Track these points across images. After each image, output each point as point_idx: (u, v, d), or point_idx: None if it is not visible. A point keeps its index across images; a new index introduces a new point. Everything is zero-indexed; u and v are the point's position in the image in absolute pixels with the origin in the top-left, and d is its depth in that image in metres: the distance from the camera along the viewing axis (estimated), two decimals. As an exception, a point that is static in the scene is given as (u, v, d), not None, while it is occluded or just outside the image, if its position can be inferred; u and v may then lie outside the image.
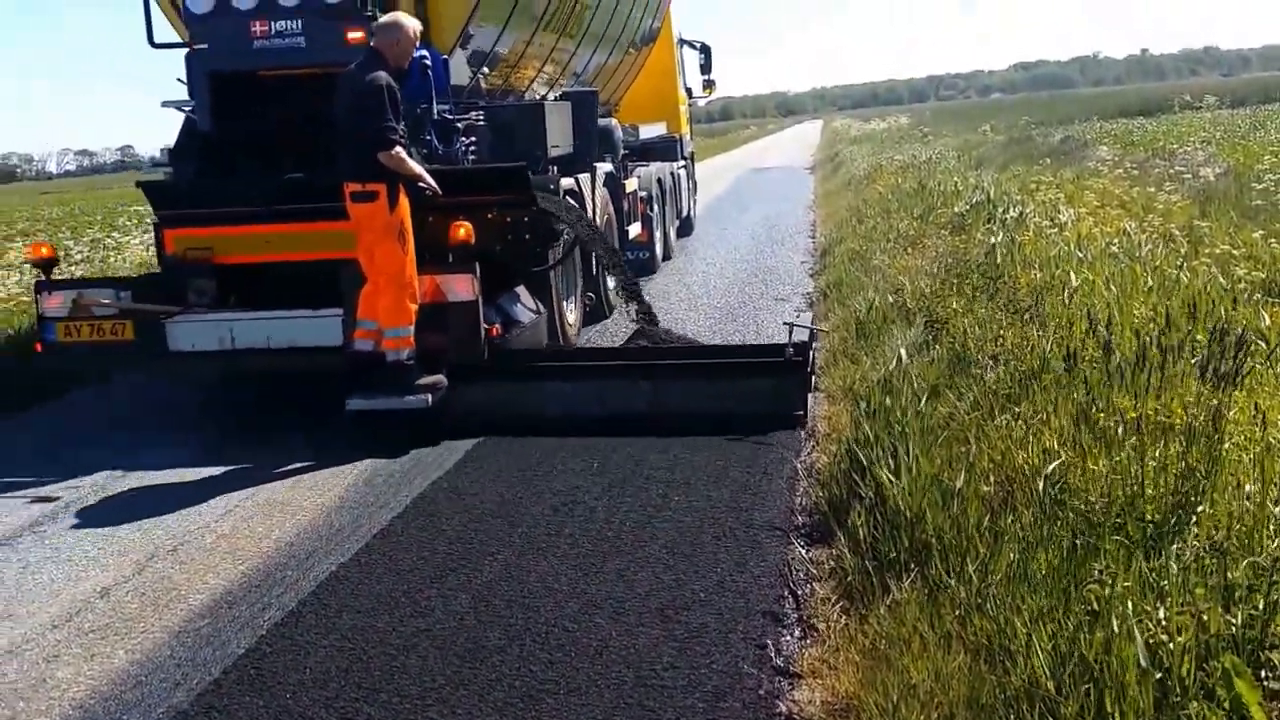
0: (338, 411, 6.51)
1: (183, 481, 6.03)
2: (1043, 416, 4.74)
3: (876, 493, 4.49)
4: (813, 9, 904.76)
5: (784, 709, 3.35)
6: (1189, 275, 6.99)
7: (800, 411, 6.42)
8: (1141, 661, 2.83)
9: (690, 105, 17.30)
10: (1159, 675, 2.81)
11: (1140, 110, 44.20)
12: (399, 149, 6.22)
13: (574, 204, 8.34)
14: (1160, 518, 3.67)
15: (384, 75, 6.21)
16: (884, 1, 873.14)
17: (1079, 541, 3.62)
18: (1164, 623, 2.97)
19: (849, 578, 4.06)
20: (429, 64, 7.07)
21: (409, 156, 6.37)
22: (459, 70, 7.59)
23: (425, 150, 7.08)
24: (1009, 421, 4.84)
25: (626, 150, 11.70)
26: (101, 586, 4.61)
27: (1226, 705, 2.71)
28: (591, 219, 8.87)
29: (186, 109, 7.53)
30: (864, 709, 3.21)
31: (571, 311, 8.66)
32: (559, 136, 8.47)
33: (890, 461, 4.65)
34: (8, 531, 5.39)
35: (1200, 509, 3.66)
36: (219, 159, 7.43)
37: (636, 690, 3.45)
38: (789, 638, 3.79)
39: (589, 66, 11.30)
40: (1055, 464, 4.16)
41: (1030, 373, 5.35)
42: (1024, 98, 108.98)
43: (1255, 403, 4.22)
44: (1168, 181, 13.74)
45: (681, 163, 15.55)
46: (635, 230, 11.50)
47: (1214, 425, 4.02)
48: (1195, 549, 3.36)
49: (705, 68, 17.57)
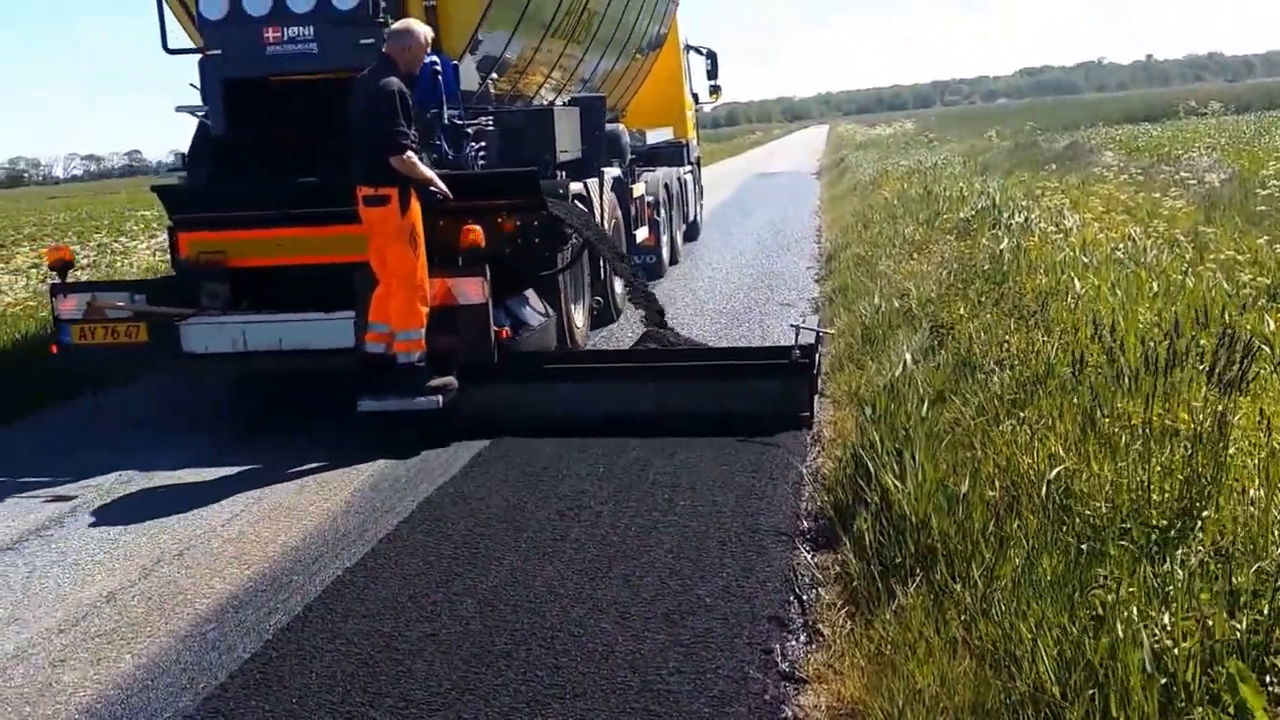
0: (348, 413, 6.55)
1: (190, 485, 6.05)
2: (1048, 422, 4.75)
3: (882, 498, 4.50)
4: (819, 15, 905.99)
5: (789, 714, 3.35)
6: (1194, 281, 6.99)
7: (806, 413, 6.45)
8: (1146, 666, 2.83)
9: (696, 110, 17.33)
10: (1164, 680, 2.82)
11: (1145, 116, 44.29)
12: (410, 154, 6.29)
13: (582, 208, 8.37)
14: (1165, 523, 3.68)
15: (396, 81, 6.28)
16: (889, 7, 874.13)
17: (1084, 547, 3.62)
18: (1169, 628, 2.98)
19: (854, 583, 4.07)
20: (439, 70, 7.11)
21: (420, 161, 6.43)
22: (468, 76, 7.63)
23: (435, 155, 7.12)
24: (1014, 427, 4.84)
25: (634, 155, 11.71)
26: (108, 591, 4.62)
27: (1231, 710, 2.71)
28: (599, 223, 8.91)
29: (200, 114, 7.58)
30: (869, 714, 3.21)
31: (579, 315, 8.70)
32: (567, 141, 8.51)
33: (896, 466, 4.66)
34: (14, 535, 5.41)
35: (1205, 514, 3.66)
36: (232, 163, 7.49)
37: (642, 695, 3.45)
38: (794, 643, 3.79)
39: (596, 72, 11.33)
40: (1060, 469, 4.16)
41: (1035, 378, 5.36)
42: (1029, 103, 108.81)
43: (1260, 408, 4.22)
44: (1173, 187, 13.74)
45: (688, 168, 15.58)
46: (642, 234, 11.52)
47: (1219, 431, 4.02)
48: (1200, 554, 3.36)
49: (711, 73, 17.61)
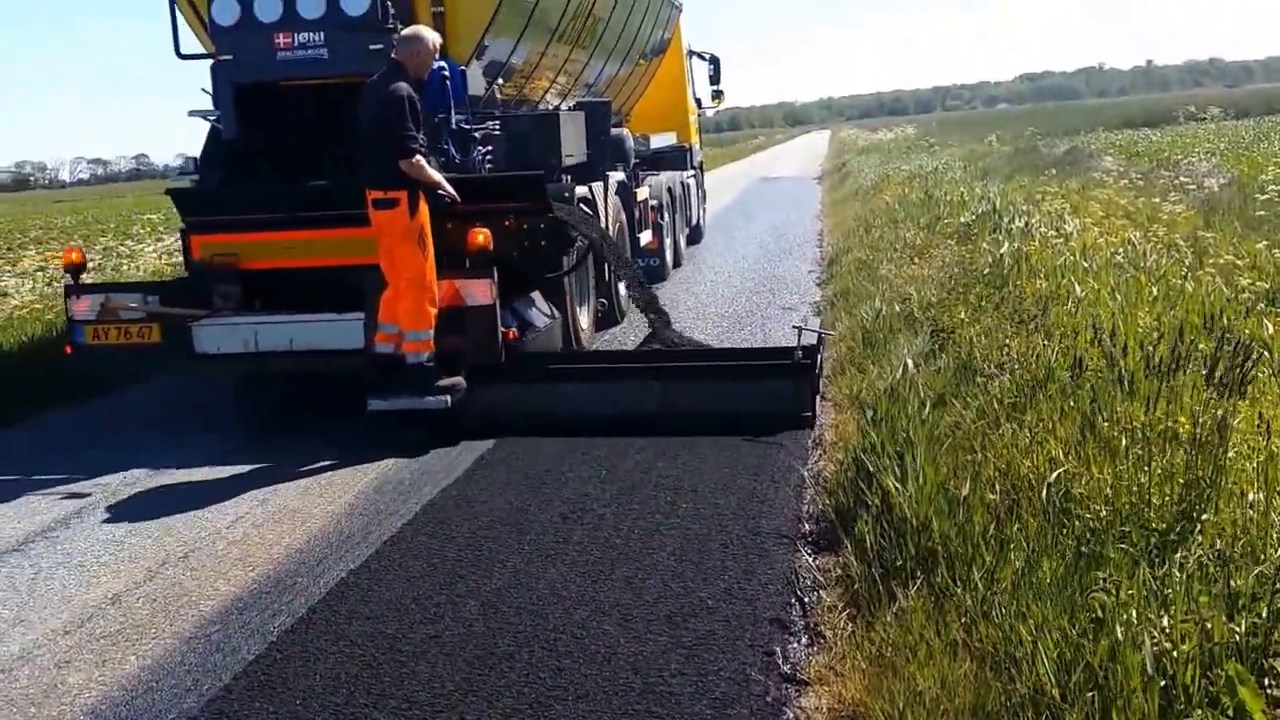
0: (354, 415, 6.60)
1: (195, 487, 6.07)
2: (1048, 425, 4.77)
3: (883, 501, 4.51)
4: (821, 21, 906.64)
5: (791, 716, 3.37)
6: (1194, 285, 7.01)
7: (809, 412, 6.51)
8: (1146, 669, 2.84)
9: (699, 115, 17.42)
10: (1163, 683, 2.83)
11: (1145, 121, 44.33)
12: (419, 157, 6.38)
13: (587, 212, 8.45)
14: (1165, 526, 3.69)
15: (405, 86, 6.36)
16: (891, 13, 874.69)
17: (1084, 550, 3.64)
18: (1168, 630, 2.99)
19: (856, 585, 4.08)
20: (447, 75, 7.19)
21: (429, 165, 6.52)
22: (475, 81, 7.71)
23: (443, 159, 7.21)
24: (1014, 430, 4.86)
25: (638, 159, 11.82)
26: (113, 593, 4.64)
27: (1230, 713, 2.72)
28: (604, 227, 8.99)
29: (212, 118, 7.67)
30: (871, 716, 3.23)
31: (585, 316, 8.80)
32: (573, 146, 8.59)
33: (897, 470, 4.68)
34: (20, 537, 5.43)
35: (1204, 518, 3.67)
36: (243, 167, 7.58)
37: (644, 697, 3.47)
38: (796, 645, 3.81)
39: (601, 77, 11.39)
40: (1060, 472, 4.18)
41: (1036, 382, 5.37)
42: (1029, 108, 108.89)
43: (1260, 412, 4.24)
44: (1172, 192, 13.75)
45: (691, 172, 15.65)
46: (646, 238, 11.61)
47: (1219, 434, 4.04)
48: (1199, 557, 3.37)
49: (714, 78, 17.67)
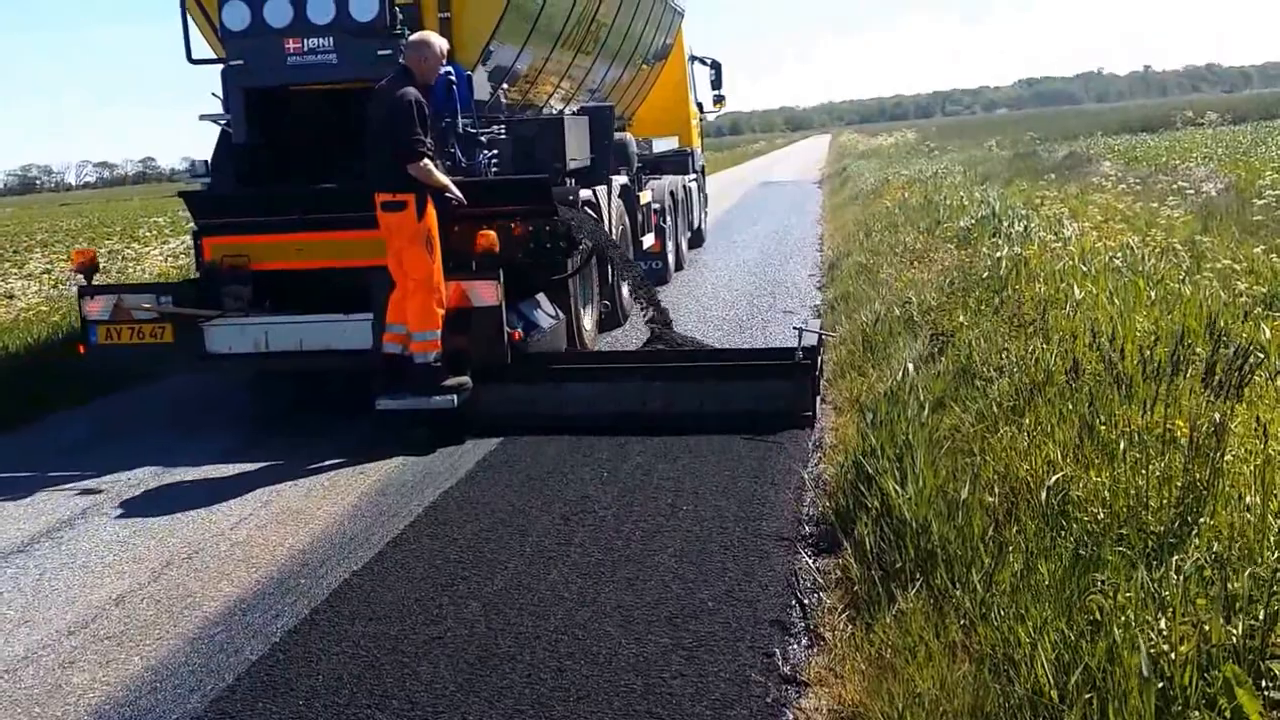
0: (359, 415, 6.66)
1: (198, 489, 6.10)
2: (1046, 428, 4.78)
3: (882, 503, 4.54)
4: (821, 26, 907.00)
5: (791, 717, 3.39)
6: (1191, 289, 7.03)
7: (809, 412, 6.57)
8: (1144, 671, 2.85)
9: (701, 120, 17.47)
10: (1161, 684, 2.84)
11: (1143, 126, 44.34)
12: (427, 161, 6.45)
13: (591, 215, 8.53)
14: (1162, 529, 3.70)
15: (413, 91, 6.44)
16: (891, 19, 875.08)
17: (1082, 552, 3.65)
18: (1166, 633, 3.00)
19: (855, 587, 4.10)
20: (454, 80, 7.26)
21: (436, 168, 6.59)
22: (481, 86, 7.79)
23: (450, 162, 7.27)
24: (1013, 433, 4.88)
25: (641, 163, 11.88)
26: (117, 593, 4.66)
27: (1227, 714, 2.73)
28: (608, 230, 9.06)
29: (222, 122, 7.74)
30: (870, 717, 3.25)
31: (588, 318, 8.88)
32: (577, 150, 8.66)
33: (896, 472, 4.70)
34: (25, 537, 5.45)
35: (1202, 520, 3.69)
36: (254, 170, 7.64)
37: (645, 698, 3.49)
38: (796, 646, 3.83)
39: (604, 82, 11.45)
40: (1058, 475, 4.20)
41: (1034, 385, 5.39)
42: (1029, 113, 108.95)
43: (1257, 415, 4.26)
44: (1170, 197, 13.76)
45: (693, 176, 15.71)
46: (649, 241, 11.71)
47: (1216, 438, 4.06)
48: (1197, 560, 3.38)
49: (716, 83, 17.72)
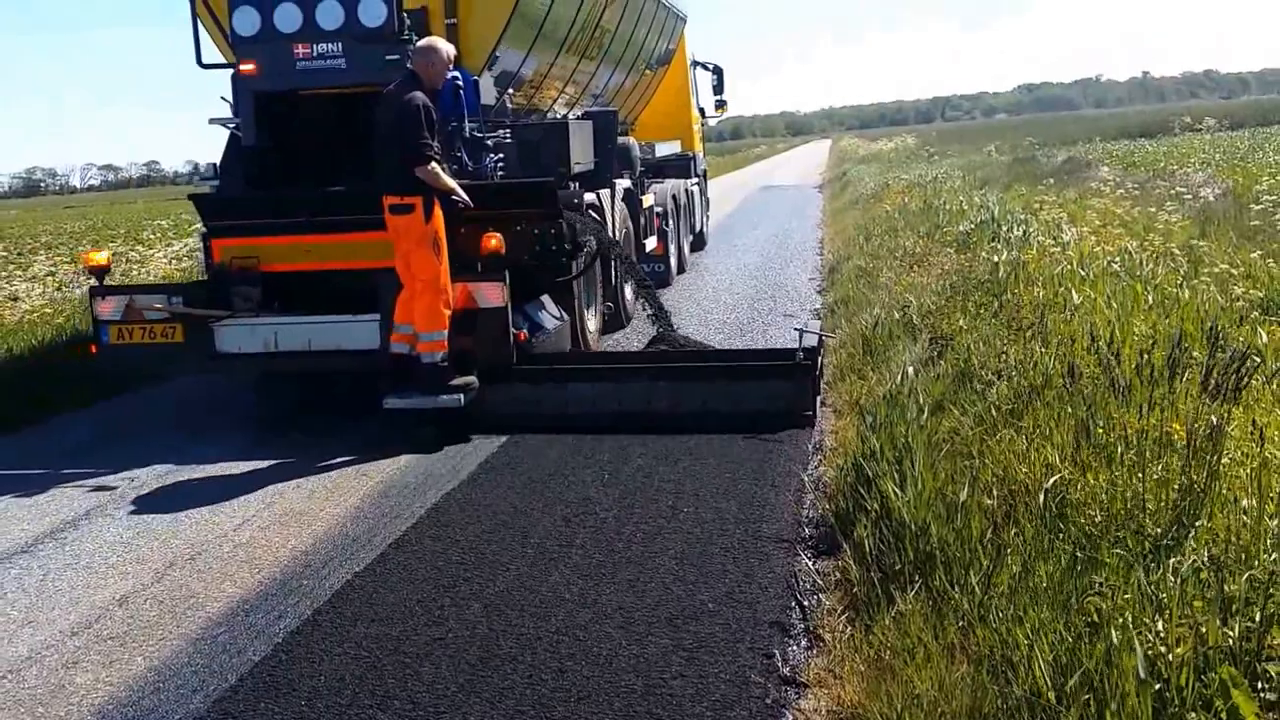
0: (364, 415, 6.72)
1: (201, 489, 6.13)
2: (1044, 431, 4.80)
3: (882, 505, 4.56)
4: (823, 33, 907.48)
5: (790, 718, 3.41)
6: (1189, 294, 7.05)
7: (809, 412, 6.62)
8: (1141, 673, 2.87)
9: (703, 124, 17.55)
10: (1158, 686, 2.85)
11: (1141, 132, 44.36)
12: (434, 164, 6.53)
13: (595, 218, 8.60)
14: (1159, 531, 3.72)
15: (420, 95, 6.51)
16: (892, 24, 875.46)
17: (1079, 554, 3.67)
18: (1163, 635, 3.01)
19: (854, 589, 4.12)
20: (461, 85, 7.34)
21: (443, 171, 6.66)
22: (488, 91, 7.88)
23: (457, 165, 7.34)
24: (1012, 436, 4.90)
25: (643, 167, 11.96)
26: (120, 594, 4.68)
27: (1224, 716, 2.74)
28: (611, 232, 9.14)
29: (231, 126, 7.80)
30: (869, 718, 3.26)
31: (592, 319, 8.95)
32: (581, 153, 8.73)
33: (896, 475, 4.72)
34: (29, 538, 5.47)
35: (1199, 523, 3.70)
36: (262, 173, 7.71)
37: (646, 698, 3.51)
38: (795, 648, 3.85)
39: (608, 87, 11.53)
40: (1056, 478, 4.21)
41: (1033, 388, 5.41)
42: (1028, 119, 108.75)
43: (1253, 419, 4.28)
44: (1168, 202, 13.78)
45: (695, 180, 15.79)
46: (652, 244, 11.80)
47: (1213, 441, 4.07)
48: (1194, 562, 3.39)
49: (717, 88, 17.78)
